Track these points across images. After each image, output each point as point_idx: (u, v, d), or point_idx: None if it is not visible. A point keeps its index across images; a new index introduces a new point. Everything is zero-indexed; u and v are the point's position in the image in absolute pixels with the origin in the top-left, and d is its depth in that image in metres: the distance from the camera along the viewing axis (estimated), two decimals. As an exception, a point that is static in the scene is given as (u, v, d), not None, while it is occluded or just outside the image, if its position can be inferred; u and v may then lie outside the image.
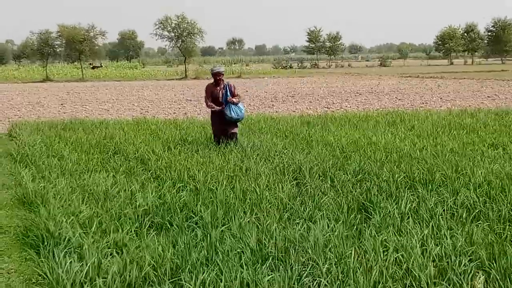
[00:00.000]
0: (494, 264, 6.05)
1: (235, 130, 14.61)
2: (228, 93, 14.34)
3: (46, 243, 7.24)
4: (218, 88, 14.49)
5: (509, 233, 7.07)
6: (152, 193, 9.40)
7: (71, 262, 6.38)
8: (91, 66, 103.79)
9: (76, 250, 6.97)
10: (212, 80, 14.90)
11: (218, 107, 14.30)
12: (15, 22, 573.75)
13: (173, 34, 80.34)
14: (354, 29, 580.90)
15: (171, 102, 33.58)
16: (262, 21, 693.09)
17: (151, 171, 11.51)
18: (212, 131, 14.89)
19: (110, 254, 6.82)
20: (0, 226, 8.63)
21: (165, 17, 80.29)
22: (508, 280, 5.69)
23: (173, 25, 79.87)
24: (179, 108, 29.16)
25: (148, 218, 8.29)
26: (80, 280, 5.95)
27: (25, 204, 9.65)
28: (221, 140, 14.25)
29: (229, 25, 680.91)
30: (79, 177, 11.05)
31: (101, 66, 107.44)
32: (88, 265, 6.22)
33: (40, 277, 6.40)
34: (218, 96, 14.37)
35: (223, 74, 14.62)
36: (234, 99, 14.27)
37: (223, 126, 14.39)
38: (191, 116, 23.41)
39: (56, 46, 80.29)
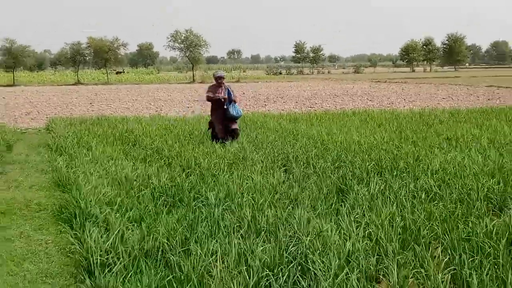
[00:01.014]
0: (447, 236, 6.08)
1: (236, 125, 13.97)
2: (231, 94, 13.81)
3: (77, 219, 7.24)
4: (220, 89, 13.85)
5: (460, 211, 7.09)
6: (165, 177, 9.40)
7: (98, 233, 6.40)
8: (115, 71, 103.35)
9: (102, 224, 6.98)
10: (214, 82, 14.31)
11: (223, 96, 13.69)
12: (50, 33, 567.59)
13: (182, 46, 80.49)
14: (334, 41, 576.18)
15: (181, 102, 33.52)
16: (260, 22, 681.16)
17: (164, 159, 11.49)
18: (213, 132, 14.00)
19: (131, 227, 6.83)
20: (40, 204, 8.64)
21: (175, 31, 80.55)
22: (460, 249, 5.72)
23: (182, 37, 80.00)
24: (188, 107, 29.06)
25: (162, 198, 8.31)
26: (106, 249, 5.96)
27: (60, 186, 9.66)
28: (220, 140, 13.48)
29: (230, 25, 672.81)
30: (105, 164, 11.03)
31: (123, 72, 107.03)
32: (113, 236, 6.22)
33: (73, 247, 6.41)
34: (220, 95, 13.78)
35: (224, 78, 14.15)
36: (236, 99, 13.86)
37: (223, 125, 13.74)
38: (198, 114, 23.34)
39: (86, 55, 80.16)
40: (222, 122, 13.79)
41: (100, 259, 5.71)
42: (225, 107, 13.64)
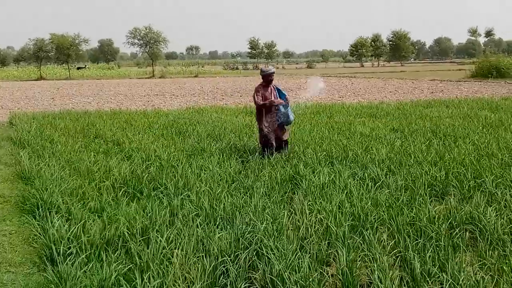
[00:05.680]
0: (393, 222, 6.18)
1: (288, 135, 11.36)
2: (284, 95, 11.22)
3: (40, 209, 7.14)
4: (269, 89, 11.13)
5: (404, 197, 7.22)
6: (125, 169, 9.30)
7: (61, 223, 6.31)
8: (76, 67, 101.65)
9: (64, 214, 6.90)
10: (259, 81, 11.58)
11: (280, 100, 10.93)
12: (14, 29, 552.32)
13: (142, 42, 79.83)
14: (287, 38, 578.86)
15: (141, 96, 33.08)
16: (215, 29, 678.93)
17: (124, 152, 11.38)
18: (264, 140, 10.80)
19: (93, 217, 6.77)
20: (3, 196, 8.47)
21: (134, 28, 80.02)
22: (404, 233, 5.82)
23: (142, 34, 79.35)
24: (148, 101, 28.73)
25: (123, 189, 8.24)
26: (68, 238, 5.89)
27: (23, 178, 9.47)
28: (274, 150, 10.75)
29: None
30: (67, 156, 10.86)
31: (85, 67, 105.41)
32: (75, 226, 6.15)
33: (35, 237, 6.31)
34: (270, 97, 10.97)
35: (273, 74, 11.39)
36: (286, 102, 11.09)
37: (278, 133, 10.97)
38: (157, 107, 23.26)
39: (48, 51, 78.38)
40: (276, 130, 10.96)
41: (62, 248, 5.64)
42: (283, 110, 10.89)
